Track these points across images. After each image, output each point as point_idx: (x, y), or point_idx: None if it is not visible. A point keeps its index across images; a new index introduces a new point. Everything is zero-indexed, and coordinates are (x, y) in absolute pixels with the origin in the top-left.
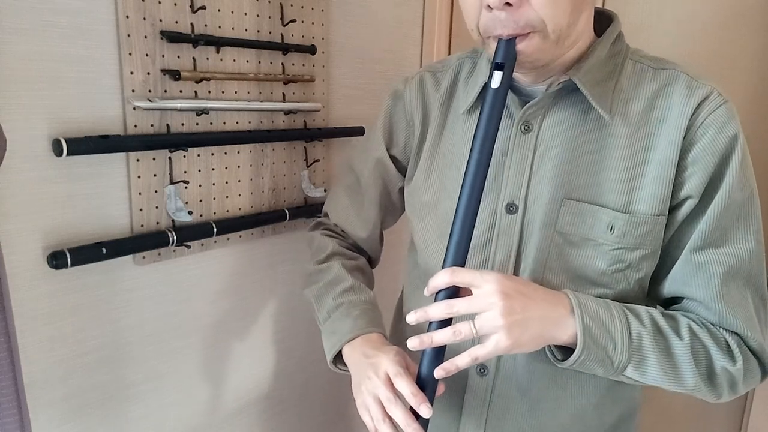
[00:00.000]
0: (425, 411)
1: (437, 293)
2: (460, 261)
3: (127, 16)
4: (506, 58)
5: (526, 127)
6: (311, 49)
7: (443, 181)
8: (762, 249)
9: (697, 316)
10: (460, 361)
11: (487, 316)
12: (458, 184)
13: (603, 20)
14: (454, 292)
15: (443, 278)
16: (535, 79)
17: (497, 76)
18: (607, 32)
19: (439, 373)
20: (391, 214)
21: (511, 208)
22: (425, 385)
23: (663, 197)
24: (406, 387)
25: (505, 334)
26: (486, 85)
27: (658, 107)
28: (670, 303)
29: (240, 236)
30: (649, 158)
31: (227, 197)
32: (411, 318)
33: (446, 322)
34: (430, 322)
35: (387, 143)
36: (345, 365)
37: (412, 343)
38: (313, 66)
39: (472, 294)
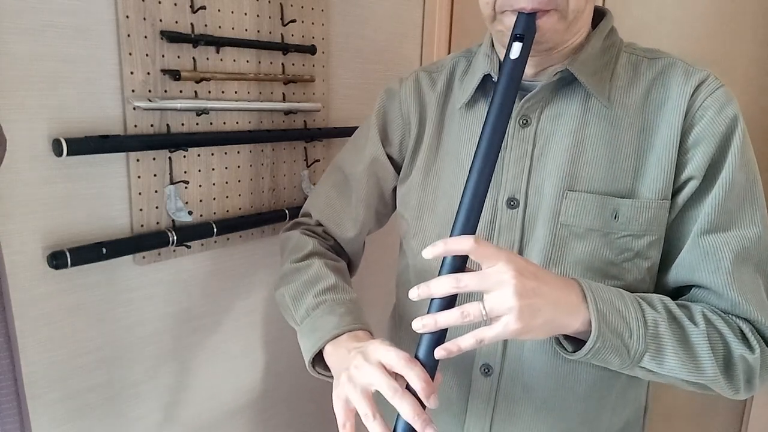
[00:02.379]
0: (434, 402)
1: (440, 268)
2: (470, 231)
3: (127, 16)
4: (526, 30)
5: (524, 121)
6: (311, 49)
7: (441, 181)
8: None
9: (708, 305)
10: (464, 343)
11: (499, 296)
12: (455, 182)
13: (596, 16)
14: (460, 266)
15: (466, 244)
16: (535, 69)
17: (516, 46)
18: (600, 26)
19: (439, 353)
20: (379, 217)
21: (512, 203)
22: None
23: (666, 181)
24: (421, 374)
25: (516, 316)
26: (505, 57)
27: (656, 93)
28: (678, 294)
29: (240, 236)
30: (650, 143)
31: (227, 197)
32: (413, 294)
33: (449, 302)
34: (432, 301)
35: (382, 141)
36: (325, 369)
37: (415, 325)
38: (313, 66)
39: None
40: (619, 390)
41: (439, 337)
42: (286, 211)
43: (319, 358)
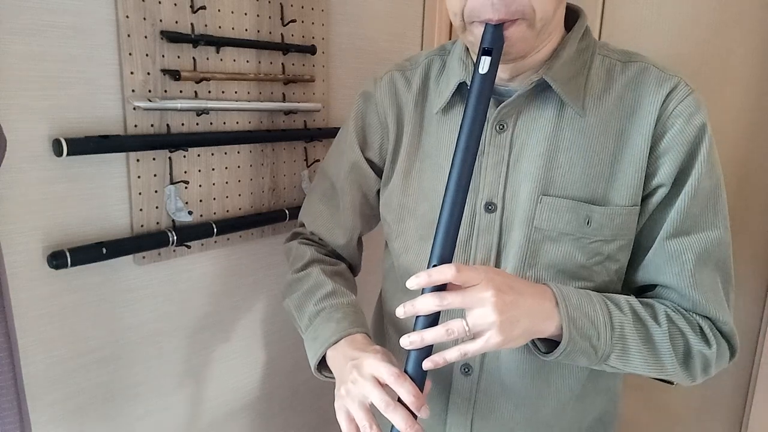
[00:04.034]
0: (425, 413)
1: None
2: (448, 254)
3: (127, 16)
4: (494, 43)
5: (500, 127)
6: (311, 49)
7: (421, 184)
8: (729, 235)
9: (671, 303)
10: (449, 355)
11: (480, 313)
12: (435, 186)
13: (569, 15)
14: (442, 285)
15: (448, 273)
16: (510, 74)
17: (485, 61)
18: (574, 28)
19: (427, 364)
20: (369, 220)
21: (489, 207)
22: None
23: (636, 188)
24: (411, 389)
25: (497, 330)
26: (474, 71)
27: (628, 99)
28: (642, 291)
29: (240, 236)
30: (622, 150)
31: (227, 197)
32: (400, 312)
33: (433, 318)
34: (417, 317)
35: (361, 146)
36: (330, 371)
37: (403, 342)
38: (313, 66)
39: (459, 288)
40: (593, 382)
41: (426, 351)
42: (286, 211)
43: (323, 363)
